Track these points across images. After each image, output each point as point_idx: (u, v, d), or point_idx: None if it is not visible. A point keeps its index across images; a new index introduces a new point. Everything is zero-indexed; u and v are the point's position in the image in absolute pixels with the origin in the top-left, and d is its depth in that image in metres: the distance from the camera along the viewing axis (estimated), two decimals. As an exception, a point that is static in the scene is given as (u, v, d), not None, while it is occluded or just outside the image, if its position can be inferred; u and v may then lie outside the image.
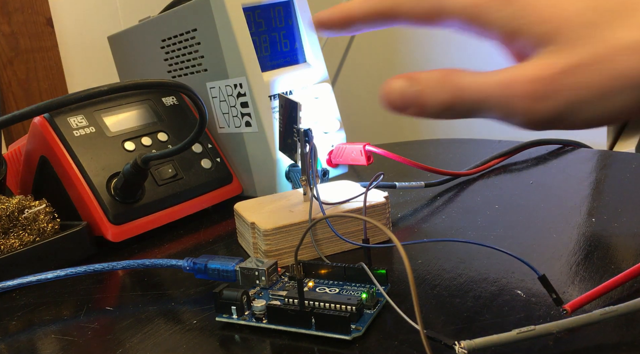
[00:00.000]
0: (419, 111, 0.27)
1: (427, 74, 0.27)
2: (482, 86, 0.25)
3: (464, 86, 0.25)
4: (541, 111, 0.24)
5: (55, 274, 0.37)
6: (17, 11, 0.87)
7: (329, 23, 0.30)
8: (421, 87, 0.26)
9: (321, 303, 0.29)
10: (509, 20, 0.25)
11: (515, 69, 0.24)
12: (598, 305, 0.27)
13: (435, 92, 0.26)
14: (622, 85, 0.23)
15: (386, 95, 0.28)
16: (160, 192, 0.49)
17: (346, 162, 0.54)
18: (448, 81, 0.26)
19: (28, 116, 0.40)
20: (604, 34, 0.23)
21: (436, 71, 0.27)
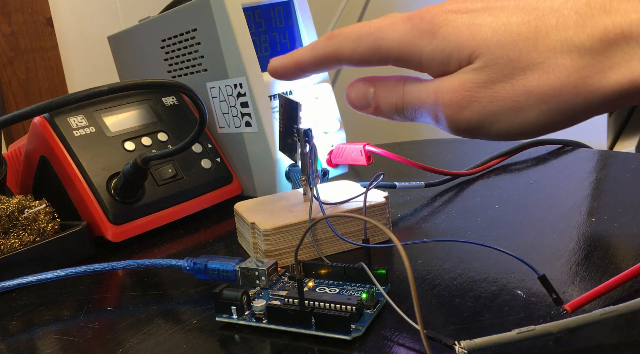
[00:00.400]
0: (376, 111, 0.31)
1: (384, 79, 0.31)
2: (418, 94, 0.29)
3: (406, 93, 0.29)
4: (460, 119, 0.27)
5: (55, 274, 0.37)
6: (17, 11, 0.87)
7: (282, 71, 0.34)
8: (377, 89, 0.31)
9: (321, 303, 0.29)
10: (436, 52, 0.28)
11: (442, 80, 0.28)
12: (598, 305, 0.27)
13: (388, 96, 0.30)
14: (535, 100, 0.26)
15: (348, 94, 0.32)
16: (160, 192, 0.49)
17: (346, 162, 0.54)
18: (397, 87, 0.30)
19: (28, 116, 0.40)
20: (517, 53, 0.26)
21: (392, 77, 0.30)
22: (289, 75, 0.34)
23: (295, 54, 0.33)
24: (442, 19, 0.27)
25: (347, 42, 0.30)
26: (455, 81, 0.27)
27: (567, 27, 0.25)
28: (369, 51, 0.30)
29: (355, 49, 0.30)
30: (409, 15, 0.29)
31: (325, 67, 0.32)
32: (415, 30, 0.28)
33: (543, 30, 0.25)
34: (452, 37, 0.27)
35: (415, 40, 0.28)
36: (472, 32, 0.27)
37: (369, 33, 0.29)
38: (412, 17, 0.28)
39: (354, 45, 0.30)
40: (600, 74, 0.25)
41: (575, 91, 0.25)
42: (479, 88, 0.26)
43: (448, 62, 0.27)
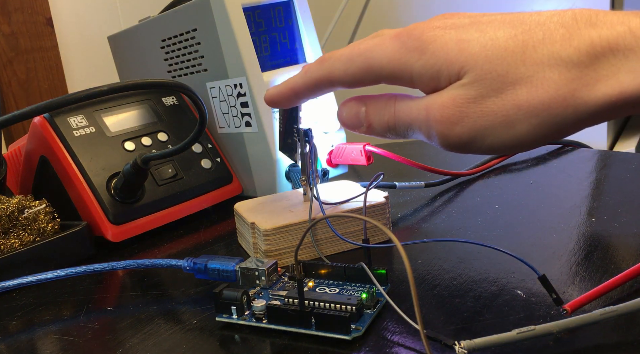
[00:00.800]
0: (368, 130, 0.31)
1: (375, 98, 0.31)
2: (409, 111, 0.29)
3: (397, 110, 0.30)
4: (452, 135, 0.27)
5: (55, 274, 0.37)
6: (17, 11, 0.87)
7: (278, 99, 0.34)
8: (368, 108, 0.31)
9: (321, 303, 0.29)
10: (426, 68, 0.28)
11: (432, 97, 0.28)
12: (598, 305, 0.27)
13: (379, 114, 0.30)
14: (525, 114, 0.26)
15: (340, 114, 0.32)
16: (160, 192, 0.49)
17: (346, 162, 0.54)
18: (389, 105, 0.30)
19: (28, 116, 0.40)
20: (505, 67, 0.26)
21: (383, 96, 0.31)
22: (285, 103, 0.35)
23: (290, 81, 0.33)
24: (430, 35, 0.28)
25: (339, 64, 0.30)
26: (446, 97, 0.27)
27: (554, 40, 0.25)
28: (360, 71, 0.30)
29: (346, 71, 0.30)
30: (397, 32, 0.29)
31: (320, 91, 0.33)
32: (404, 48, 0.28)
33: (530, 44, 0.26)
34: (441, 53, 0.27)
35: (404, 57, 0.28)
36: (461, 48, 0.27)
37: (359, 53, 0.30)
38: (400, 35, 0.29)
39: (345, 67, 0.30)
40: (589, 86, 0.25)
41: (564, 104, 0.25)
42: (469, 103, 0.27)
43: (438, 78, 0.27)
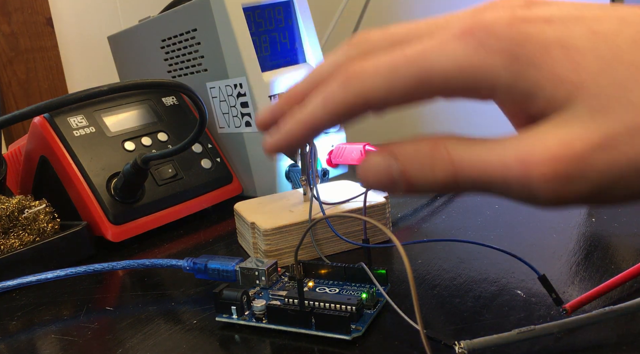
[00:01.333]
0: (409, 189, 0.22)
1: (412, 146, 0.22)
2: (487, 164, 0.20)
3: (462, 163, 0.21)
4: (568, 194, 0.19)
5: (55, 274, 0.37)
6: (17, 11, 0.87)
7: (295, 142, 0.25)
8: (405, 165, 0.21)
9: (321, 303, 0.29)
10: (519, 81, 0.20)
11: (529, 143, 0.20)
12: (598, 305, 0.27)
13: (425, 169, 0.21)
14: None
15: (364, 174, 0.22)
16: (160, 192, 0.49)
17: (346, 162, 0.54)
18: (439, 157, 0.21)
19: (28, 116, 0.40)
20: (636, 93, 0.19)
21: (423, 143, 0.21)
22: (302, 141, 0.25)
23: (305, 116, 0.24)
24: (521, 32, 0.20)
25: (376, 80, 0.22)
26: (556, 142, 0.19)
27: None
28: (411, 86, 0.21)
29: (390, 88, 0.22)
30: (464, 28, 0.21)
31: (349, 120, 0.23)
32: (482, 49, 0.20)
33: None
34: (544, 65, 0.19)
35: (486, 62, 0.20)
36: (573, 61, 0.19)
37: (408, 62, 0.21)
38: (473, 31, 0.20)
39: (387, 83, 0.21)
40: None
41: None
42: (594, 149, 0.19)
43: (533, 96, 0.20)
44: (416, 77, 0.21)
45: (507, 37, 0.20)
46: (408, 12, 1.20)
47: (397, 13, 1.21)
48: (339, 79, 0.23)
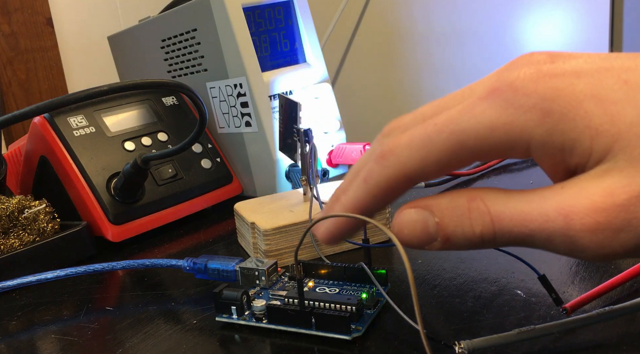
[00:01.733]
0: (445, 244, 0.22)
1: (448, 200, 0.22)
2: (528, 217, 0.20)
3: (502, 217, 0.20)
4: (614, 246, 0.19)
5: (55, 274, 0.37)
6: (17, 11, 0.87)
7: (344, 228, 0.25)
8: (442, 218, 0.21)
9: (321, 303, 0.29)
10: (555, 135, 0.20)
11: (570, 194, 0.19)
12: (598, 305, 0.27)
13: (463, 223, 0.21)
14: None
15: (399, 229, 0.22)
16: (160, 192, 0.49)
17: (346, 162, 0.54)
18: (477, 211, 0.21)
19: (28, 116, 0.40)
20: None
21: (459, 196, 0.21)
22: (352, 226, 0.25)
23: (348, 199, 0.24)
24: (549, 87, 0.20)
25: (410, 153, 0.22)
26: (598, 194, 0.19)
27: None
28: (448, 153, 0.21)
29: (426, 159, 0.21)
30: (490, 89, 0.21)
31: (393, 197, 0.23)
32: (511, 108, 0.20)
33: None
34: (579, 119, 0.19)
35: (517, 120, 0.20)
36: (608, 112, 0.19)
37: (438, 130, 0.21)
38: (500, 90, 0.20)
39: (423, 154, 0.21)
40: None
41: None
42: (635, 200, 0.18)
43: (571, 150, 0.20)
44: (450, 143, 0.21)
45: (536, 93, 0.20)
46: (408, 12, 1.20)
47: (397, 13, 1.21)
48: (375, 159, 0.23)
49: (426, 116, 0.23)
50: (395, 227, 0.22)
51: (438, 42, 1.17)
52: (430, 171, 0.22)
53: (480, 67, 1.11)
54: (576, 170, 0.20)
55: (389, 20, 1.23)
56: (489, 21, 1.09)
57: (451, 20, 1.13)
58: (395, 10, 1.22)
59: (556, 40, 1.03)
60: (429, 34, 1.18)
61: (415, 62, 1.21)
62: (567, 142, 0.19)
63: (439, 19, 1.15)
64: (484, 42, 1.10)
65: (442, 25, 1.15)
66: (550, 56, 0.21)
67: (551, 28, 1.02)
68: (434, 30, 1.16)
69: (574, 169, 0.20)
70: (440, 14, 1.15)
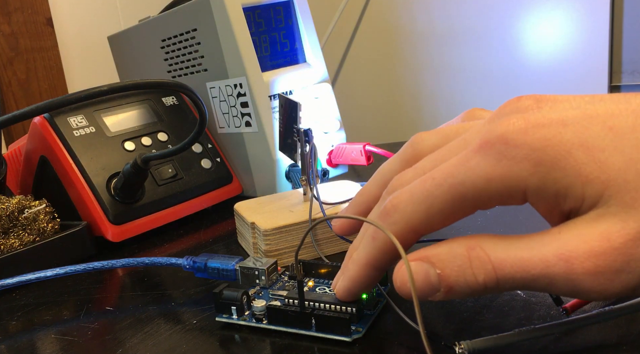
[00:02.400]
0: (448, 294, 0.22)
1: (447, 251, 0.22)
2: (529, 263, 0.21)
3: (503, 264, 0.21)
4: (615, 286, 0.20)
5: (55, 272, 0.37)
6: (17, 11, 0.87)
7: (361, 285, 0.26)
8: (443, 270, 0.22)
9: (321, 304, 0.29)
10: (548, 184, 0.21)
11: (568, 239, 0.20)
12: (598, 305, 0.27)
13: (465, 273, 0.22)
14: None
15: (401, 283, 0.23)
16: (160, 192, 0.49)
17: (346, 162, 0.54)
18: (478, 261, 0.21)
19: (28, 116, 0.40)
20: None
21: (458, 246, 0.22)
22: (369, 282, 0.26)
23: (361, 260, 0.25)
24: (537, 137, 0.20)
25: (414, 207, 0.23)
26: (595, 239, 0.20)
27: None
28: (449, 206, 0.22)
29: (429, 212, 0.23)
30: (482, 142, 0.21)
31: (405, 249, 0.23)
32: (505, 159, 0.21)
33: None
34: (569, 168, 0.20)
35: (511, 171, 0.21)
36: (596, 160, 0.20)
37: (437, 184, 0.22)
38: (491, 143, 0.21)
39: (425, 208, 0.23)
40: None
41: None
42: (634, 241, 0.19)
43: (564, 197, 0.21)
44: (450, 195, 0.22)
45: (525, 145, 0.20)
46: (408, 12, 1.20)
47: (397, 13, 1.21)
48: (380, 215, 0.24)
49: (426, 169, 0.24)
50: (398, 280, 0.23)
51: (438, 42, 1.17)
52: (435, 222, 0.23)
53: (480, 67, 1.11)
54: (570, 213, 0.21)
55: (389, 20, 1.23)
56: (489, 21, 1.09)
57: (451, 20, 1.13)
58: (395, 10, 1.22)
59: (556, 41, 1.03)
60: (429, 34, 1.18)
61: (415, 62, 1.21)
62: (561, 190, 0.20)
63: (439, 18, 1.15)
64: (484, 42, 1.10)
65: (443, 25, 1.15)
66: (537, 101, 0.22)
67: (551, 28, 1.02)
68: (434, 30, 1.16)
69: (569, 213, 0.21)
70: (441, 14, 1.15)
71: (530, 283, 0.21)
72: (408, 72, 1.23)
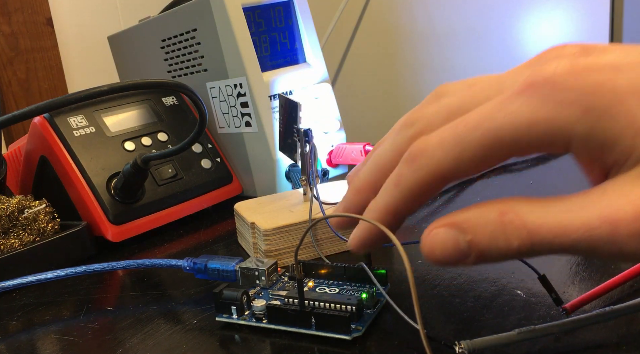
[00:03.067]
0: (479, 259, 0.21)
1: (478, 216, 0.21)
2: (568, 227, 0.19)
3: (540, 229, 0.20)
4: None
5: (55, 274, 0.37)
6: (17, 11, 0.87)
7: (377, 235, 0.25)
8: (474, 236, 0.21)
9: (321, 303, 0.29)
10: (596, 132, 0.19)
11: (612, 200, 0.19)
12: (598, 305, 0.27)
13: (497, 239, 0.20)
14: None
15: (430, 249, 0.22)
16: (160, 192, 0.49)
17: (346, 162, 0.54)
18: (512, 226, 0.20)
19: (28, 116, 0.40)
20: None
21: (489, 211, 0.20)
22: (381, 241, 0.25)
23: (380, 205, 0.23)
24: (590, 82, 0.19)
25: (444, 154, 0.21)
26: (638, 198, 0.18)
27: None
28: (482, 151, 0.20)
29: (459, 158, 0.21)
30: (526, 84, 0.20)
31: (426, 198, 0.23)
32: (551, 103, 0.19)
33: None
34: (621, 116, 0.19)
35: (558, 116, 0.19)
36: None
37: (472, 128, 0.21)
38: (537, 85, 0.20)
39: (456, 154, 0.21)
40: None
41: None
42: None
43: (611, 147, 0.19)
44: (485, 140, 0.20)
45: (575, 88, 0.19)
46: (408, 12, 1.20)
47: (397, 13, 1.22)
48: (405, 162, 0.22)
49: (452, 109, 0.22)
50: (426, 248, 0.22)
51: (438, 42, 1.17)
52: (466, 168, 0.21)
53: (480, 67, 1.11)
54: (613, 168, 0.20)
55: (389, 20, 1.23)
56: (489, 21, 1.09)
57: (451, 20, 1.13)
58: (395, 10, 1.22)
59: (556, 41, 1.03)
60: (429, 34, 1.18)
61: (416, 62, 1.21)
62: (608, 140, 0.19)
63: (439, 18, 1.15)
64: (484, 42, 1.10)
65: (442, 25, 1.15)
66: (584, 49, 0.21)
67: (551, 28, 1.02)
68: (434, 30, 1.16)
69: (611, 166, 0.20)
70: (441, 14, 1.15)
71: (569, 247, 0.19)
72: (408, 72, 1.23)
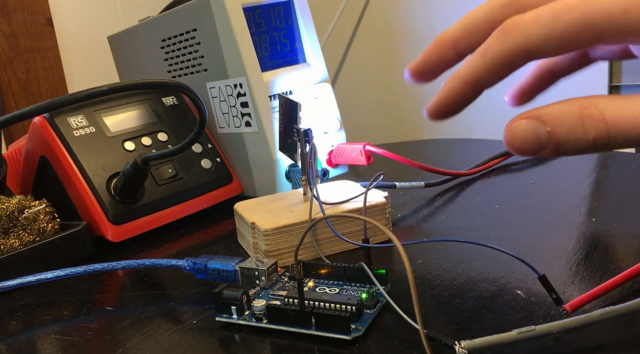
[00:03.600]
0: (556, 151, 0.22)
1: (559, 110, 0.22)
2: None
3: (618, 121, 0.21)
4: None
5: (55, 274, 0.37)
6: (17, 11, 0.87)
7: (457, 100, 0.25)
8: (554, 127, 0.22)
9: (321, 303, 0.29)
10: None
11: None
12: (598, 305, 0.27)
13: (575, 130, 0.21)
14: None
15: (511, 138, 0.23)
16: (160, 192, 0.49)
17: (346, 162, 0.54)
18: (591, 119, 0.21)
19: (28, 116, 0.40)
20: None
21: (569, 104, 0.22)
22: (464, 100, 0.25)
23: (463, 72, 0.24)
24: None
25: (536, 28, 0.22)
26: None
27: None
28: (573, 31, 0.21)
29: (550, 35, 0.22)
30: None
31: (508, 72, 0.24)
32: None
33: None
34: None
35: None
36: None
37: (568, 9, 0.21)
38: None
39: (548, 30, 0.22)
40: None
41: None
42: None
43: None
44: (579, 22, 0.21)
45: None
46: (408, 12, 1.20)
47: (397, 13, 1.22)
48: (497, 34, 0.23)
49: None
50: (508, 137, 0.23)
51: (438, 42, 1.17)
52: (552, 48, 0.22)
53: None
54: None
55: (389, 20, 1.23)
56: (489, 21, 1.09)
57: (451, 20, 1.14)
58: (395, 10, 1.22)
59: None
60: (429, 34, 1.18)
61: (415, 62, 1.21)
62: None
63: (439, 18, 1.15)
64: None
65: (443, 25, 1.15)
66: None
67: (551, 28, 1.02)
68: (434, 30, 1.16)
69: None
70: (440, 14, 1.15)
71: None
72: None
